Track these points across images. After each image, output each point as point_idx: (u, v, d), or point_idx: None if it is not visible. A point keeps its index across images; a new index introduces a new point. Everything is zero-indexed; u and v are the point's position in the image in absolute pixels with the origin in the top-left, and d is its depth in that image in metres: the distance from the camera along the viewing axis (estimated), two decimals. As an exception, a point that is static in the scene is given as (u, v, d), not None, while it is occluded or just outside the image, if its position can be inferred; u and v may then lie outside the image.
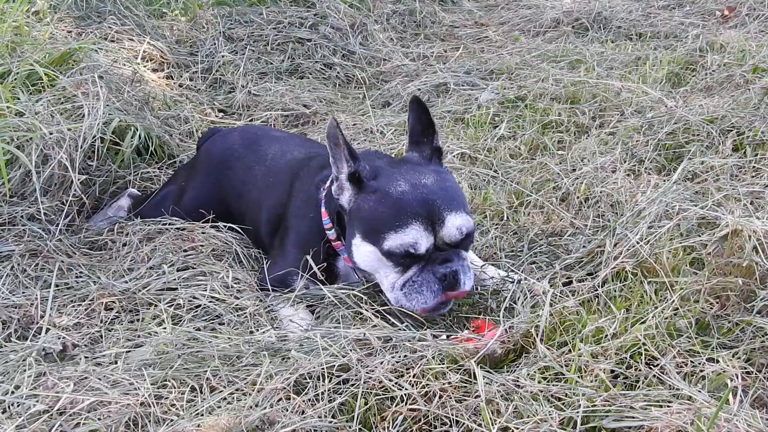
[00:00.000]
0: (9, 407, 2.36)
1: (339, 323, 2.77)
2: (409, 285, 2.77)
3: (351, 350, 2.48)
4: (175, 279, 3.13)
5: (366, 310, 2.83)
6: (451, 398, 2.33)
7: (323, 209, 3.05)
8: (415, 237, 2.70)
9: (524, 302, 2.84)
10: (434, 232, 2.74)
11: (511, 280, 3.05)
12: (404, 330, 2.67)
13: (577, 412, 2.24)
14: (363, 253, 2.83)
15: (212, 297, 3.03)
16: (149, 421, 2.30)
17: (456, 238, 2.77)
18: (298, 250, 3.12)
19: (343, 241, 2.99)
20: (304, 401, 2.31)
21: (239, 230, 3.52)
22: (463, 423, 2.26)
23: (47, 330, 2.82)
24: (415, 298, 2.77)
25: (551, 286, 2.93)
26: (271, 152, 3.59)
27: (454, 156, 4.22)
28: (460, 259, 2.79)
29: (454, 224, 2.75)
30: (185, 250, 3.34)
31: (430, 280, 2.75)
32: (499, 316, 2.82)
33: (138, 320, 2.93)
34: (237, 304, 3.01)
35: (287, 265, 3.10)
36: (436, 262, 2.76)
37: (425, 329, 2.73)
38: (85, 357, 2.65)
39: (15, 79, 4.03)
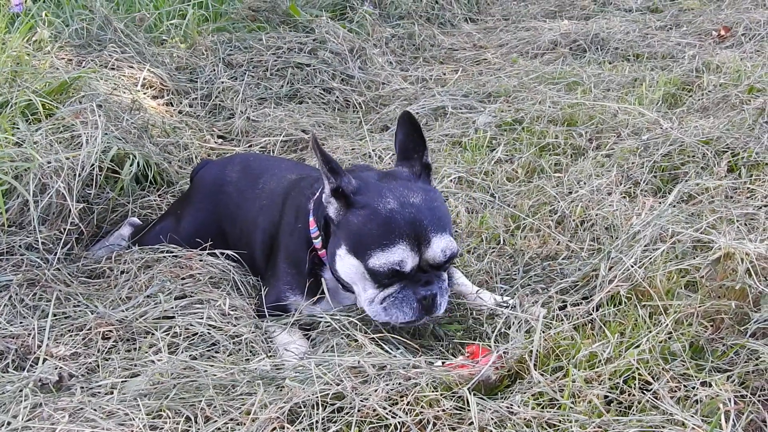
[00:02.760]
0: (5, 439, 2.38)
1: (334, 350, 2.78)
2: (389, 300, 2.82)
3: (346, 378, 2.49)
4: (172, 307, 3.15)
5: (361, 336, 2.84)
6: (444, 426, 2.34)
7: (311, 218, 3.07)
8: (401, 256, 2.74)
9: (518, 327, 2.85)
10: (420, 252, 2.77)
11: (505, 305, 3.06)
12: (399, 357, 2.68)
13: (570, 439, 2.25)
14: (346, 264, 2.87)
15: (209, 325, 3.05)
16: (144, 452, 2.31)
17: (440, 260, 2.81)
18: (287, 265, 3.17)
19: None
20: (298, 431, 2.31)
21: (237, 257, 3.54)
22: (457, 450, 2.27)
23: (44, 360, 2.83)
24: (394, 314, 2.82)
25: (546, 310, 2.94)
26: (263, 176, 3.62)
27: (451, 180, 4.24)
28: (439, 281, 2.85)
29: (440, 246, 2.78)
30: (183, 278, 3.35)
31: (410, 299, 2.80)
32: (492, 342, 2.82)
33: (135, 349, 2.94)
34: (234, 332, 3.02)
35: (278, 282, 3.16)
36: (418, 283, 2.80)
37: (420, 356, 2.74)
38: (81, 387, 2.66)
39: (13, 109, 4.06)
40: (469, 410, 2.37)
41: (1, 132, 3.75)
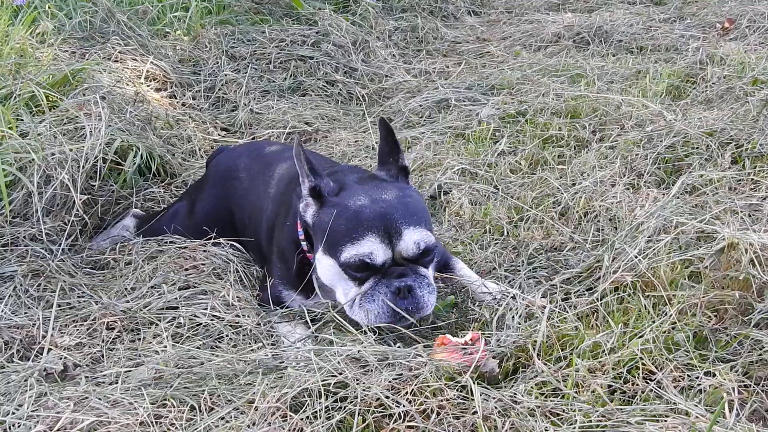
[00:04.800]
0: (10, 428, 2.38)
1: (334, 341, 2.77)
2: (363, 297, 2.80)
3: (346, 367, 2.49)
4: (176, 298, 3.15)
5: (364, 330, 2.83)
6: (448, 415, 2.34)
7: (298, 220, 3.07)
8: (370, 248, 2.75)
9: (519, 317, 2.85)
10: (391, 245, 2.78)
11: (507, 294, 3.06)
12: (399, 348, 2.68)
13: (574, 428, 2.25)
14: (324, 266, 2.89)
15: (213, 315, 3.05)
16: (148, 441, 2.32)
17: (413, 252, 2.81)
18: (278, 259, 3.19)
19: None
20: (301, 419, 2.32)
21: (240, 248, 3.54)
22: (460, 439, 2.27)
23: (49, 350, 2.84)
24: (367, 309, 2.80)
25: (550, 301, 2.95)
26: (275, 163, 3.63)
27: (454, 172, 4.24)
28: (417, 276, 2.83)
29: (412, 238, 2.79)
30: (186, 269, 3.36)
31: (383, 293, 2.78)
32: (493, 331, 2.82)
33: (139, 339, 2.95)
34: (237, 322, 3.02)
35: (272, 276, 3.18)
36: (392, 277, 2.79)
37: (418, 346, 2.73)
38: (86, 377, 2.67)
39: (17, 101, 4.06)
40: (472, 399, 2.37)
41: (5, 124, 3.75)
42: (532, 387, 2.45)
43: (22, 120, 3.92)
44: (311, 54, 6.10)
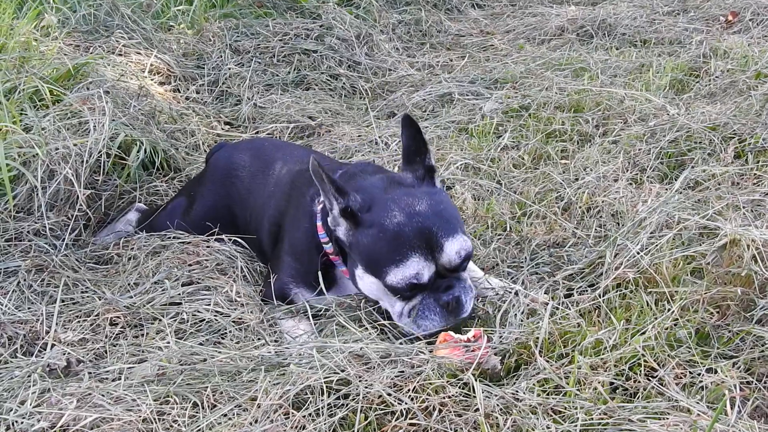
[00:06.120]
0: (13, 424, 2.39)
1: (335, 337, 2.77)
2: (414, 312, 2.81)
3: (348, 365, 2.50)
4: (179, 294, 3.16)
5: (366, 326, 2.84)
6: (450, 412, 2.35)
7: (319, 223, 3.05)
8: (416, 269, 2.74)
9: (522, 314, 2.85)
10: (434, 260, 2.77)
11: (511, 290, 3.06)
12: (402, 345, 2.68)
13: (575, 425, 2.26)
14: (367, 283, 2.88)
15: (216, 311, 3.06)
16: (151, 438, 2.33)
17: (456, 263, 2.80)
18: (291, 259, 3.18)
19: (341, 260, 3.04)
20: (304, 416, 2.33)
21: (244, 244, 3.55)
22: (462, 436, 2.28)
23: (52, 346, 2.85)
24: (422, 325, 2.81)
25: (552, 298, 2.95)
26: (275, 162, 3.63)
27: (457, 167, 4.24)
28: (460, 282, 2.84)
29: (453, 249, 2.78)
30: (190, 265, 3.36)
31: (433, 307, 2.80)
32: (495, 328, 2.83)
33: (142, 335, 2.96)
34: (240, 318, 3.03)
35: (282, 274, 3.18)
36: (439, 290, 2.80)
37: (420, 342, 2.74)
38: (89, 373, 2.68)
39: (21, 95, 4.07)
40: (474, 397, 2.38)
41: (9, 118, 3.75)
42: (534, 384, 2.46)
43: (26, 114, 3.92)
44: (315, 48, 6.09)
